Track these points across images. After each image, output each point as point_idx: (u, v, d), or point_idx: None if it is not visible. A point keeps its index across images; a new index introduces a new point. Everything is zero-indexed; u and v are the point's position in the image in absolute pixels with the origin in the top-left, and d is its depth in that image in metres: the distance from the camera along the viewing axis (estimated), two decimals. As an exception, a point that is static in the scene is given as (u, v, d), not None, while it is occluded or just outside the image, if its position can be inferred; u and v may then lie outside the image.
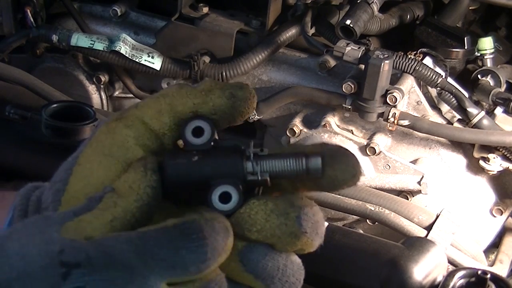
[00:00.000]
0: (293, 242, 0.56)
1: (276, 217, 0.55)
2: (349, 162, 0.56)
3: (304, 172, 0.56)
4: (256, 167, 0.56)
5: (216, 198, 0.55)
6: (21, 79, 1.64)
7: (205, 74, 1.86)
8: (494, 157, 1.70)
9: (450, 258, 1.46)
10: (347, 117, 1.82)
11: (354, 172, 0.56)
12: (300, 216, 0.56)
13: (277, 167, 0.56)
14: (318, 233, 0.57)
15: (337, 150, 0.57)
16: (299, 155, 0.56)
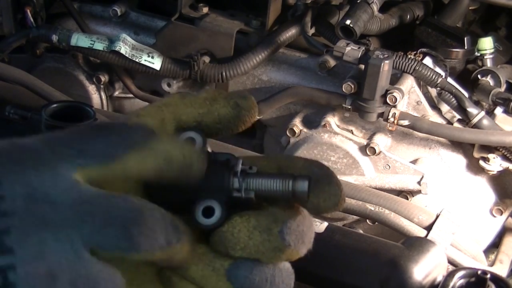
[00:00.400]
0: (277, 256, 0.56)
1: (259, 234, 0.55)
2: (332, 191, 0.57)
3: (290, 194, 0.56)
4: (242, 185, 0.56)
5: (199, 212, 0.56)
6: (21, 79, 1.64)
7: (205, 74, 1.86)
8: (494, 157, 1.70)
9: (450, 258, 1.46)
10: (347, 117, 1.82)
11: (336, 202, 0.57)
12: (283, 231, 0.55)
13: (264, 186, 0.57)
14: (304, 242, 0.57)
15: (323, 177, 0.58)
16: (287, 176, 0.57)
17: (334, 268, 1.14)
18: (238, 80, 1.94)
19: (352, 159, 1.79)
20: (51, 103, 1.20)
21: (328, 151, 1.81)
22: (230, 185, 0.56)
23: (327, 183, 0.57)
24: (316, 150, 1.82)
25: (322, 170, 0.58)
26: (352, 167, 1.80)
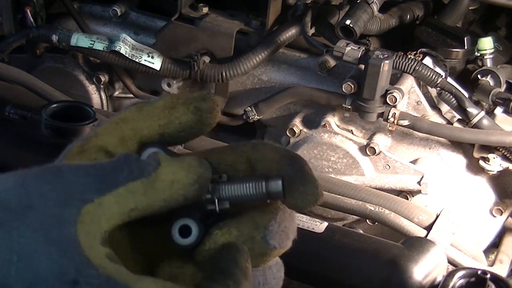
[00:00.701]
0: (265, 259, 0.56)
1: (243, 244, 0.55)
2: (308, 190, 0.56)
3: (264, 196, 0.55)
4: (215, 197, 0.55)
5: (176, 232, 0.55)
6: (21, 79, 1.63)
7: (205, 74, 1.86)
8: (494, 157, 1.70)
9: (450, 258, 1.46)
10: (347, 117, 1.82)
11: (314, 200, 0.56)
12: (266, 236, 0.55)
13: (237, 193, 0.55)
14: (289, 237, 0.57)
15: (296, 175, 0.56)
16: (259, 179, 0.55)
17: (334, 268, 1.14)
18: (238, 80, 1.94)
19: (352, 159, 1.79)
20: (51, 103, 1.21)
21: (328, 151, 1.81)
22: (203, 200, 0.55)
23: (301, 183, 0.56)
24: (316, 150, 1.82)
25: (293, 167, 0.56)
26: (352, 167, 1.80)
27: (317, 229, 1.17)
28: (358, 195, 1.57)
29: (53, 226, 0.49)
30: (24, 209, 0.49)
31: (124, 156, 0.53)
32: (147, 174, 0.52)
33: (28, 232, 0.48)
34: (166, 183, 0.52)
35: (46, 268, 0.48)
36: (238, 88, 1.96)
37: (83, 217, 0.49)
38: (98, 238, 0.49)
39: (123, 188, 0.51)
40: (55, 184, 0.50)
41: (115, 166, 0.52)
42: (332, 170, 1.82)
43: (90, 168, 0.52)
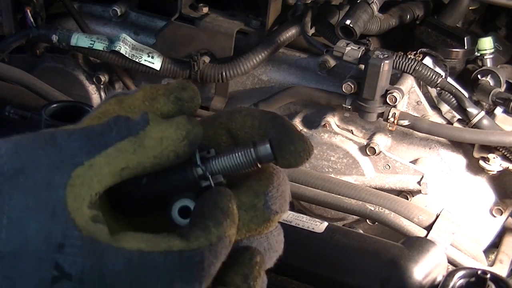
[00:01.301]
0: (269, 225, 0.57)
1: (246, 213, 0.55)
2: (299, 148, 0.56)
3: (255, 162, 0.56)
4: (207, 173, 0.55)
5: (176, 214, 0.55)
6: (21, 79, 1.64)
7: (205, 74, 1.86)
8: (494, 157, 1.70)
9: (450, 258, 1.46)
10: (347, 117, 1.82)
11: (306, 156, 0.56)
12: (267, 202, 0.56)
13: (228, 165, 0.55)
14: (286, 200, 0.57)
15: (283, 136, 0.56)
16: (246, 146, 0.55)
17: (334, 268, 1.14)
18: (238, 80, 1.94)
19: (352, 159, 1.79)
20: (51, 103, 1.20)
21: (328, 151, 1.81)
22: (196, 177, 0.55)
23: (290, 142, 0.56)
24: (316, 150, 1.82)
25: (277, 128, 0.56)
26: (352, 167, 1.80)
27: (317, 229, 1.17)
28: (358, 195, 1.57)
29: (43, 190, 0.49)
30: (15, 173, 0.50)
31: (114, 118, 0.53)
32: (135, 132, 0.53)
33: (19, 195, 0.49)
34: (155, 140, 0.53)
35: (35, 231, 0.48)
36: (238, 88, 1.96)
37: (73, 180, 0.50)
38: (86, 201, 0.50)
39: (112, 148, 0.52)
40: (47, 150, 0.51)
41: (105, 127, 0.53)
42: (332, 170, 1.82)
43: (81, 131, 0.53)
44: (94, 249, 0.49)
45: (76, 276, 0.48)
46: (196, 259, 0.50)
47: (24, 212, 0.49)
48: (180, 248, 0.50)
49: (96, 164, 0.51)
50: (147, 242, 0.50)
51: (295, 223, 1.18)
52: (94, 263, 0.49)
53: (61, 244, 0.48)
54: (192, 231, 0.51)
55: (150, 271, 0.49)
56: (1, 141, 0.52)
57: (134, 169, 0.52)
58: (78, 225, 0.49)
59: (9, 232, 0.48)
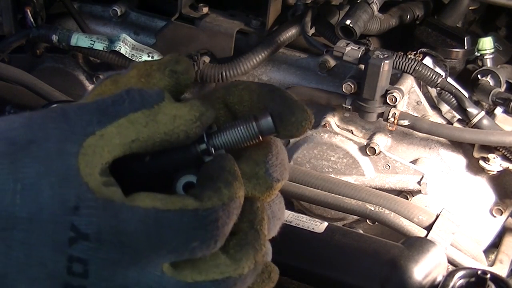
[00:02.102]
0: (271, 193, 0.58)
1: (248, 182, 0.56)
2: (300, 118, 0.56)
3: (258, 135, 0.56)
4: (210, 147, 0.56)
5: (181, 190, 0.55)
6: (21, 79, 1.64)
7: (205, 74, 1.86)
8: (494, 157, 1.70)
9: (450, 258, 1.46)
10: (347, 117, 1.82)
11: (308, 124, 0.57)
12: (268, 170, 0.57)
13: (230, 139, 0.56)
14: (286, 168, 0.58)
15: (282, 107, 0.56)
16: (248, 120, 0.56)
17: (334, 268, 1.14)
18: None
19: (352, 159, 1.79)
20: (51, 103, 1.20)
21: (328, 151, 1.81)
22: (199, 153, 0.55)
23: (290, 112, 0.56)
24: (316, 150, 1.82)
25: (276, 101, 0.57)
26: (352, 167, 1.80)
27: (317, 229, 1.17)
28: (358, 195, 1.57)
29: (55, 158, 0.50)
30: (28, 143, 0.50)
31: (127, 89, 0.54)
32: (149, 106, 0.53)
33: (32, 163, 0.50)
34: (168, 116, 0.53)
35: (49, 197, 0.49)
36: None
37: (85, 149, 0.50)
38: (98, 168, 0.50)
39: (124, 119, 0.52)
40: (59, 122, 0.52)
41: (117, 98, 0.53)
42: (332, 170, 1.82)
43: (92, 104, 0.53)
44: (109, 208, 0.49)
45: (93, 235, 0.49)
46: (211, 218, 0.50)
47: (37, 178, 0.49)
48: (194, 207, 0.50)
49: (108, 133, 0.51)
50: (161, 201, 0.50)
51: (295, 223, 1.18)
52: (110, 222, 0.49)
53: (76, 206, 0.49)
54: (204, 192, 0.52)
55: (167, 228, 0.50)
56: (15, 116, 0.53)
57: (143, 142, 0.53)
58: (92, 188, 0.49)
59: (23, 198, 0.49)
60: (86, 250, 0.49)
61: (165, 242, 0.50)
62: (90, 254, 0.49)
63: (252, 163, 0.57)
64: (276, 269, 0.60)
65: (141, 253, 0.50)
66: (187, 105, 0.54)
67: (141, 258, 0.50)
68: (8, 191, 0.49)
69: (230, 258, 0.53)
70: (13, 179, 0.49)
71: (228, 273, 0.52)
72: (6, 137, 0.51)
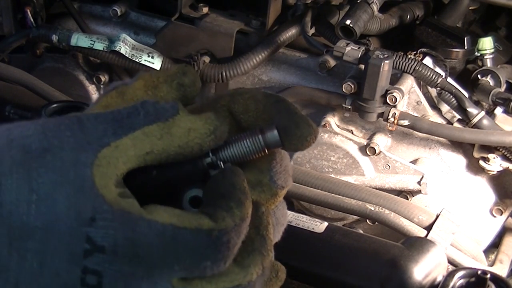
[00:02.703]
0: (275, 200, 0.58)
1: (253, 189, 0.56)
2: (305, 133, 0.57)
3: (263, 148, 0.56)
4: (217, 161, 0.56)
5: (187, 204, 0.55)
6: (21, 79, 1.64)
7: (205, 74, 1.86)
8: (494, 157, 1.70)
9: (450, 258, 1.46)
10: (347, 117, 1.82)
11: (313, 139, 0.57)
12: (273, 177, 0.57)
13: (237, 153, 0.56)
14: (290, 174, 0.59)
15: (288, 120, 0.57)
16: (254, 133, 0.56)
17: (334, 268, 1.14)
18: (238, 80, 1.94)
19: (352, 159, 1.79)
20: (51, 103, 1.20)
21: (328, 151, 1.81)
22: (205, 167, 0.56)
23: (295, 127, 0.56)
24: (316, 150, 1.82)
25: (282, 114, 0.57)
26: (352, 167, 1.80)
27: (317, 229, 1.17)
28: (358, 195, 1.57)
29: (70, 168, 0.50)
30: (43, 152, 0.50)
31: (141, 101, 0.54)
32: (163, 118, 0.53)
33: (47, 173, 0.49)
34: (183, 129, 0.53)
35: (64, 207, 0.49)
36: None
37: (99, 160, 0.50)
38: (113, 180, 0.50)
39: (139, 131, 0.52)
40: (74, 131, 0.51)
41: (132, 110, 0.53)
42: (332, 170, 1.82)
43: (107, 114, 0.53)
44: (126, 221, 0.49)
45: (109, 248, 0.49)
46: (224, 240, 0.51)
47: (52, 188, 0.49)
48: (209, 227, 0.51)
49: (123, 145, 0.51)
50: (178, 217, 0.51)
51: (295, 223, 1.18)
52: (127, 235, 0.49)
53: (92, 218, 0.49)
54: (217, 211, 0.52)
55: (182, 246, 0.50)
56: (29, 123, 0.53)
57: (158, 155, 0.53)
58: (108, 200, 0.49)
59: (39, 207, 0.49)
60: (101, 263, 0.49)
61: (179, 259, 0.50)
62: (105, 267, 0.49)
63: (257, 171, 0.57)
64: (283, 268, 0.60)
65: (154, 267, 0.50)
66: (202, 118, 0.54)
67: (154, 272, 0.50)
68: (24, 201, 0.49)
69: (238, 265, 0.53)
70: (28, 189, 0.49)
71: (238, 281, 0.53)
72: (21, 145, 0.50)
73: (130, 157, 0.51)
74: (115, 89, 0.57)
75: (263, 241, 0.55)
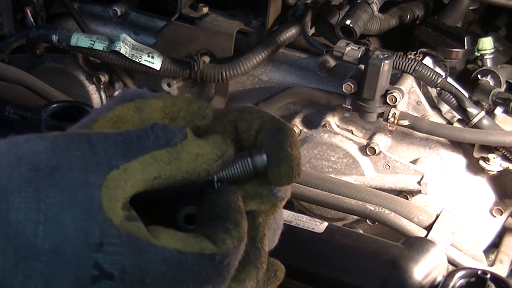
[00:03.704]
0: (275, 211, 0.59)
1: (252, 200, 0.58)
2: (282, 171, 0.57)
3: (252, 172, 0.58)
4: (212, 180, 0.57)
5: (182, 221, 0.56)
6: (21, 79, 1.64)
7: (205, 74, 1.86)
8: (494, 157, 1.70)
9: (450, 258, 1.46)
10: (347, 117, 1.82)
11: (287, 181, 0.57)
12: (272, 190, 0.58)
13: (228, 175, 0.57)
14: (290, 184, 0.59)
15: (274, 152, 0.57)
16: (244, 156, 0.57)
17: (334, 268, 1.14)
18: (238, 80, 1.94)
19: (352, 159, 1.79)
20: (51, 103, 1.20)
21: (328, 151, 1.81)
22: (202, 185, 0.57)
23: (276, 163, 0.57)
24: (316, 150, 1.82)
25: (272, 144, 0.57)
26: (352, 167, 1.80)
27: (317, 229, 1.17)
28: (358, 195, 1.57)
29: (78, 190, 0.49)
30: (52, 171, 0.50)
31: (151, 124, 0.54)
32: (173, 144, 0.53)
33: (55, 193, 0.49)
34: (191, 155, 0.53)
35: (72, 230, 0.48)
36: (238, 88, 1.96)
37: (108, 182, 0.50)
38: (120, 202, 0.50)
39: (148, 156, 0.52)
40: (83, 151, 0.51)
41: (142, 133, 0.53)
42: (332, 170, 1.82)
43: (117, 136, 0.53)
44: (134, 246, 0.49)
45: (117, 275, 0.48)
46: (225, 263, 0.52)
47: (60, 209, 0.49)
48: (211, 252, 0.51)
49: (131, 168, 0.51)
50: (181, 242, 0.51)
51: (295, 223, 1.18)
52: (135, 261, 0.49)
53: (100, 243, 0.48)
54: (217, 233, 0.53)
55: (186, 271, 0.50)
56: (37, 138, 0.52)
57: (165, 180, 0.53)
58: (115, 224, 0.49)
59: (46, 229, 0.48)
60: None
61: (183, 283, 0.50)
62: None
63: (255, 184, 0.58)
64: (282, 268, 0.61)
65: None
66: (210, 142, 0.55)
67: None
68: (31, 221, 0.48)
69: (234, 280, 0.54)
70: (36, 209, 0.49)
71: None
72: (30, 162, 0.50)
73: (138, 181, 0.52)
74: (133, 101, 0.56)
75: (258, 254, 0.56)
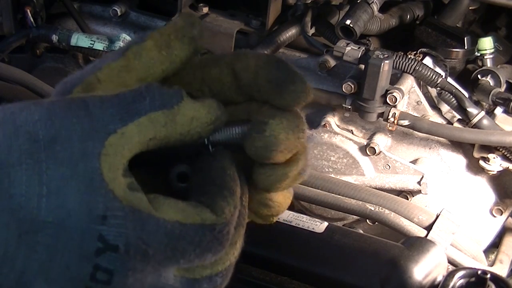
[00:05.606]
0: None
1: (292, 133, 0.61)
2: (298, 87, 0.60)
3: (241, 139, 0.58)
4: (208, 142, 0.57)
5: (174, 179, 0.57)
6: (21, 79, 1.64)
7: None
8: (494, 157, 1.70)
9: (450, 258, 1.46)
10: (347, 117, 1.82)
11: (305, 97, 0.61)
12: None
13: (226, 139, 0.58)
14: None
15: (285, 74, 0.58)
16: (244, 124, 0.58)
17: (334, 268, 1.14)
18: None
19: (352, 159, 1.79)
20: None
21: (328, 151, 1.81)
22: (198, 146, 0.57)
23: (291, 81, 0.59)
24: (316, 150, 1.82)
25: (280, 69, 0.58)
26: (352, 167, 1.80)
27: (317, 229, 1.17)
28: (358, 195, 1.57)
29: (78, 161, 0.50)
30: (50, 142, 0.50)
31: (146, 85, 0.54)
32: (169, 106, 0.53)
33: (56, 165, 0.49)
34: (186, 118, 0.54)
35: (75, 203, 0.49)
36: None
37: (106, 149, 0.50)
38: (120, 170, 0.50)
39: (145, 118, 0.52)
40: (80, 117, 0.51)
41: (137, 95, 0.53)
42: (332, 170, 1.82)
43: (113, 98, 0.53)
44: (137, 219, 0.50)
45: (122, 247, 0.49)
46: (225, 232, 0.53)
47: (62, 182, 0.49)
48: (212, 222, 0.52)
49: (128, 132, 0.51)
50: (182, 213, 0.52)
51: (295, 223, 1.18)
52: (138, 234, 0.50)
53: (104, 216, 0.49)
54: (215, 202, 0.53)
55: (188, 242, 0.51)
56: (33, 106, 0.52)
57: (160, 141, 0.53)
58: (118, 195, 0.49)
59: (49, 202, 0.48)
60: (113, 261, 0.49)
61: (184, 254, 0.51)
62: (117, 265, 0.49)
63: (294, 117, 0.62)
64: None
65: (161, 263, 0.51)
66: (205, 106, 0.55)
67: (160, 267, 0.51)
68: (34, 194, 0.48)
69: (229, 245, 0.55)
70: (38, 182, 0.49)
71: (229, 261, 0.55)
72: (28, 132, 0.50)
73: (135, 144, 0.52)
74: (129, 49, 0.56)
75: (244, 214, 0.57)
